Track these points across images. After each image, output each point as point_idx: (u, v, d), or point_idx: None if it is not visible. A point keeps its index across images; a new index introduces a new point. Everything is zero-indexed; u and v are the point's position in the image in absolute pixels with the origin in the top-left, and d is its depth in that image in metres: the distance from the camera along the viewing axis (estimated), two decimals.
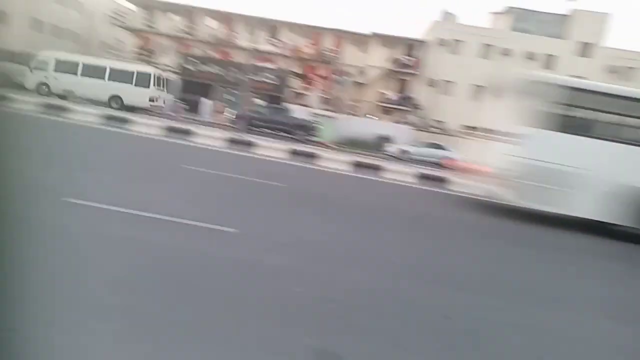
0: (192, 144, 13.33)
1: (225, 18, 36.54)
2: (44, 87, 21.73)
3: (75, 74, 21.82)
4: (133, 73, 22.00)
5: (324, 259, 4.96)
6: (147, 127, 14.36)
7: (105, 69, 22.01)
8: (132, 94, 21.64)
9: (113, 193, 6.07)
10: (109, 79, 21.78)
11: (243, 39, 34.58)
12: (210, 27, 37.05)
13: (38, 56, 22.35)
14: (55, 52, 23.42)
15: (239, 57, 33.28)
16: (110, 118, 14.66)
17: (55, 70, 21.92)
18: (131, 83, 21.78)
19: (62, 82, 21.74)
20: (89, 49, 40.62)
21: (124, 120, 14.59)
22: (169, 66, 33.67)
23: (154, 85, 22.01)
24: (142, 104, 21.66)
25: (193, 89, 28.61)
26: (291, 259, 4.72)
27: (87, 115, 14.69)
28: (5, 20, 33.77)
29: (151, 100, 21.85)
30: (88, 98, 21.20)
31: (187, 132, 14.35)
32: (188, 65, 30.19)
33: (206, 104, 27.78)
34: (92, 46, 41.14)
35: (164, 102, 23.14)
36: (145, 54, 35.92)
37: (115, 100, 21.58)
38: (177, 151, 12.05)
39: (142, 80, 21.81)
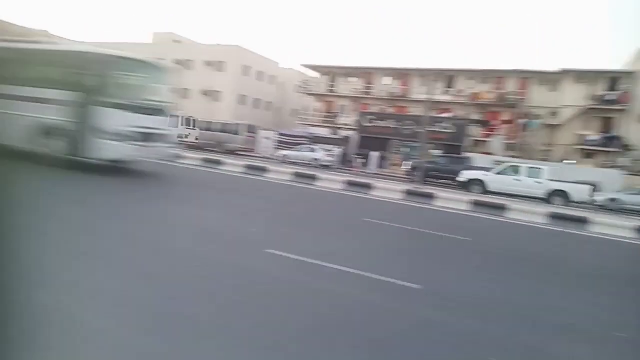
0: (371, 197, 13.56)
1: (401, 75, 37.70)
2: None
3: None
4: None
5: (522, 325, 4.29)
6: (329, 182, 15.13)
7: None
8: None
9: (305, 245, 6.47)
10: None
11: (419, 92, 34.95)
12: (387, 84, 38.60)
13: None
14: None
15: (415, 110, 33.61)
16: (299, 175, 15.89)
17: None
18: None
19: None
20: (280, 115, 46.21)
21: (313, 178, 15.64)
22: (348, 125, 35.89)
23: (182, 125, 26.79)
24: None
25: (371, 144, 29.64)
26: (480, 322, 4.22)
27: (279, 174, 16.21)
28: (219, 98, 41.06)
29: (179, 137, 25.98)
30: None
31: (365, 186, 14.68)
32: (365, 122, 31.65)
33: (382, 157, 28.40)
34: (284, 113, 46.68)
35: (196, 139, 27.88)
36: (328, 115, 39.11)
37: None
38: (357, 204, 12.38)
39: (172, 122, 25.70)
